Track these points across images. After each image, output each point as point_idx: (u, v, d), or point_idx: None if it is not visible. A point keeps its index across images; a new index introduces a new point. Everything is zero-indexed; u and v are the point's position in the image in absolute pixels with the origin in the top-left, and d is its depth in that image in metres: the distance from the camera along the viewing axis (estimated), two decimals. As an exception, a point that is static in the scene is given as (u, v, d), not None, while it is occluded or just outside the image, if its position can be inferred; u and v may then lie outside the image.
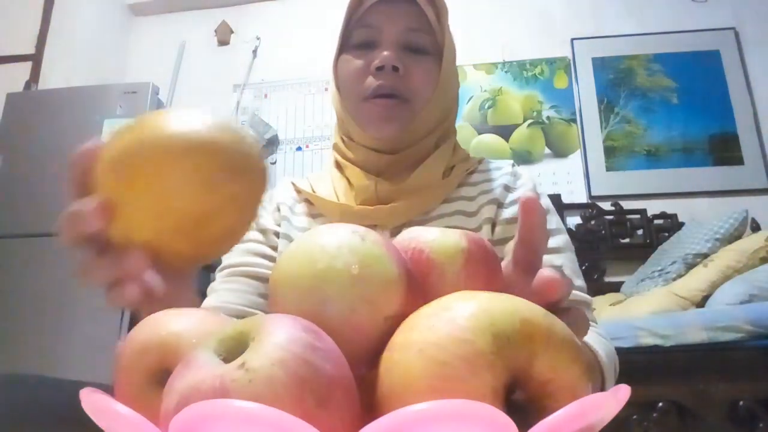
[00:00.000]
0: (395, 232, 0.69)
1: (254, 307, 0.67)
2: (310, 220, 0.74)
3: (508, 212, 0.69)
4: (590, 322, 0.62)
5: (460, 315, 0.25)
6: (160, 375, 0.28)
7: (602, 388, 0.54)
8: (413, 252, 0.33)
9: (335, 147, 0.78)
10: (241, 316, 0.60)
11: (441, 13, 0.72)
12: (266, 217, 0.75)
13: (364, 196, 0.70)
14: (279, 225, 0.75)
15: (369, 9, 0.71)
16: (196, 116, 0.34)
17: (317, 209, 0.74)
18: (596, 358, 0.55)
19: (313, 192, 0.74)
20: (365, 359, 0.28)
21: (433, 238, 0.34)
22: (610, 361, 0.57)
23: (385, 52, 0.68)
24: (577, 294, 0.63)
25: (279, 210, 0.76)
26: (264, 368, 0.22)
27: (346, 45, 0.73)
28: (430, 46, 0.71)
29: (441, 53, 0.72)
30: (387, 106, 0.68)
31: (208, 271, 1.39)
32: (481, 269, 0.34)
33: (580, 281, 0.65)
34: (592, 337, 0.57)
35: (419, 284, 0.31)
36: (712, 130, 2.55)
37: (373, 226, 0.70)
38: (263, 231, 0.74)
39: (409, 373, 0.24)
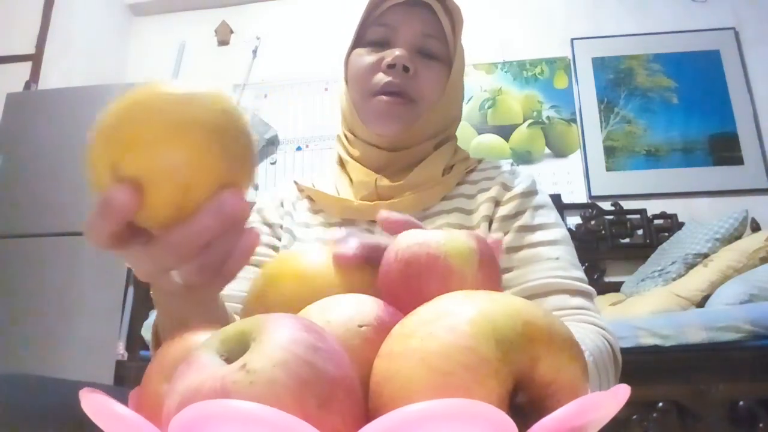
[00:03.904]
0: None
1: None
2: (312, 216, 0.75)
3: (504, 210, 0.69)
4: (593, 313, 0.62)
5: (461, 321, 0.24)
6: None
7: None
8: (427, 258, 0.32)
9: (338, 140, 0.79)
10: None
11: (456, 24, 0.74)
12: (272, 212, 0.77)
13: (364, 193, 0.72)
14: (282, 220, 0.77)
15: (388, 9, 0.72)
16: (189, 89, 0.31)
17: (318, 205, 0.76)
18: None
19: (314, 188, 0.76)
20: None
21: (443, 241, 0.33)
22: (598, 355, 0.56)
23: (398, 51, 0.69)
24: (577, 285, 0.64)
25: (282, 206, 0.78)
26: (265, 370, 0.22)
27: (360, 41, 0.75)
28: (441, 54, 0.73)
29: (451, 63, 0.74)
30: (393, 103, 0.70)
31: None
32: (493, 268, 0.33)
33: (578, 272, 0.65)
34: (581, 332, 0.57)
35: None
36: (712, 130, 2.55)
37: (373, 222, 0.71)
38: (270, 225, 0.76)
39: (411, 384, 0.23)
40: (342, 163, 0.77)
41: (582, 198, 2.57)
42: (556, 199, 2.48)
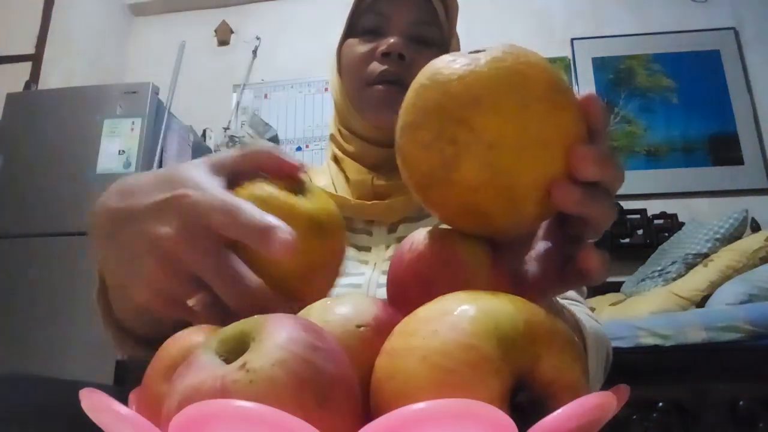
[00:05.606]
0: (392, 227, 0.70)
1: None
2: None
3: None
4: (585, 308, 0.62)
5: (463, 319, 0.24)
6: None
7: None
8: (440, 252, 0.32)
9: (332, 139, 0.77)
10: None
11: (450, 9, 0.72)
12: None
13: (361, 191, 0.70)
14: None
15: None
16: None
17: None
18: (578, 323, 0.53)
19: None
20: None
21: (459, 238, 0.33)
22: (596, 338, 0.56)
23: (393, 39, 0.68)
24: None
25: None
26: (264, 369, 0.22)
27: (353, 30, 0.73)
28: (437, 40, 0.71)
29: (447, 49, 0.72)
30: (389, 92, 0.68)
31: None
32: (504, 271, 0.33)
33: None
34: (583, 317, 0.56)
35: None
36: (712, 130, 2.55)
37: (370, 222, 0.71)
38: None
39: (412, 382, 0.23)
40: (336, 160, 0.76)
41: (582, 198, 2.56)
42: (556, 199, 2.47)
